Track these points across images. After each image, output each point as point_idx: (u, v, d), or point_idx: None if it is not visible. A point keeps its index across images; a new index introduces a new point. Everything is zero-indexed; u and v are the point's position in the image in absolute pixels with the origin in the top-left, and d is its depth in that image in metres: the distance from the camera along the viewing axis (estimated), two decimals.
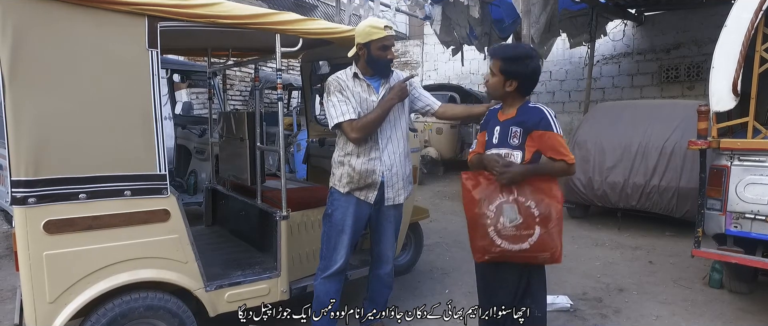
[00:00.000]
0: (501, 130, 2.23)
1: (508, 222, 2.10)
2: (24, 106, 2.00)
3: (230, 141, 3.43)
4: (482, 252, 2.19)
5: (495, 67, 2.18)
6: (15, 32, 1.95)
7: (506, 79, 2.18)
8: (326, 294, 2.73)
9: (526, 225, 2.09)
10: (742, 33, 3.14)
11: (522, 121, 2.18)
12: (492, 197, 2.13)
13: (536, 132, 2.16)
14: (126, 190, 2.25)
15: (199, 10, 2.37)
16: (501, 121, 2.26)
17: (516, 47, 2.22)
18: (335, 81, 2.60)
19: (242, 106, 9.34)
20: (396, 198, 2.72)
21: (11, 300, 3.58)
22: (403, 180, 2.73)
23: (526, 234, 2.09)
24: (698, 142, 3.30)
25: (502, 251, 2.13)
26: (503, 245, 2.12)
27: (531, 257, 2.14)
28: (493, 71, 2.19)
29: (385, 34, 2.55)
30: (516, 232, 2.10)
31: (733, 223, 3.30)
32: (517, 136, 2.19)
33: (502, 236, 2.11)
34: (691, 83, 9.03)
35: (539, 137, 2.16)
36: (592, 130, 5.86)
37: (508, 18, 7.77)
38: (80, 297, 2.16)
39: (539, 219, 2.09)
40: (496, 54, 2.19)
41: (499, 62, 2.16)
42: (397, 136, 2.69)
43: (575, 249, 5.00)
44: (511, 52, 2.20)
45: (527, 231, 2.09)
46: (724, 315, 3.41)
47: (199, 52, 4.07)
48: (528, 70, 2.17)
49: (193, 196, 5.56)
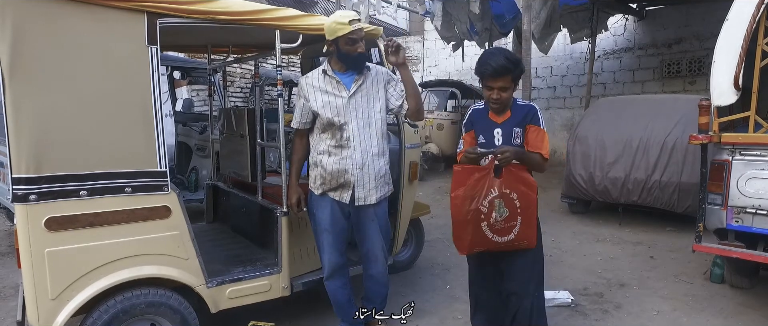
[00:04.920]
0: (504, 132, 2.32)
1: (499, 216, 2.21)
2: (24, 103, 2.00)
3: (231, 137, 3.43)
4: (471, 246, 2.30)
5: (506, 81, 2.23)
6: (15, 29, 1.95)
7: (515, 85, 2.30)
8: (334, 294, 2.77)
9: (511, 217, 2.23)
10: (743, 27, 3.12)
11: (519, 120, 2.31)
12: (486, 192, 2.21)
13: (529, 126, 2.30)
14: (127, 187, 2.25)
15: (198, 6, 2.37)
16: (500, 123, 2.34)
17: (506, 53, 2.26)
18: (300, 83, 2.67)
19: (243, 102, 9.33)
20: (367, 199, 2.63)
21: (13, 298, 3.59)
22: (375, 180, 2.64)
23: (511, 225, 2.24)
24: (699, 136, 3.29)
25: (492, 244, 2.26)
26: (494, 238, 2.24)
27: (514, 245, 2.28)
28: (506, 85, 2.24)
29: (350, 29, 2.49)
30: (504, 225, 2.23)
31: (734, 218, 3.29)
32: (519, 136, 2.30)
33: (493, 230, 2.24)
34: (692, 78, 9.00)
35: (528, 130, 2.30)
36: (593, 125, 5.85)
37: (509, 13, 7.75)
38: (82, 293, 2.17)
39: (520, 209, 2.22)
40: (507, 68, 2.20)
41: (511, 74, 2.23)
42: (370, 134, 2.62)
43: (576, 244, 5.00)
44: (512, 58, 2.24)
45: (511, 223, 2.23)
46: (725, 310, 3.41)
47: (199, 49, 4.07)
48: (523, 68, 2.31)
49: (194, 193, 5.56)
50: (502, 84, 2.23)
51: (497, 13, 7.93)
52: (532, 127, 2.29)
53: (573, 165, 5.78)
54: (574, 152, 5.79)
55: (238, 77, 9.30)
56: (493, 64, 2.20)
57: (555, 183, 7.39)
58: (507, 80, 2.23)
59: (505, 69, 2.20)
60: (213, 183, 3.99)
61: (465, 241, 2.28)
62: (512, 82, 2.26)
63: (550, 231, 5.40)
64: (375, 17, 9.13)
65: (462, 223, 2.25)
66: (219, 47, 3.84)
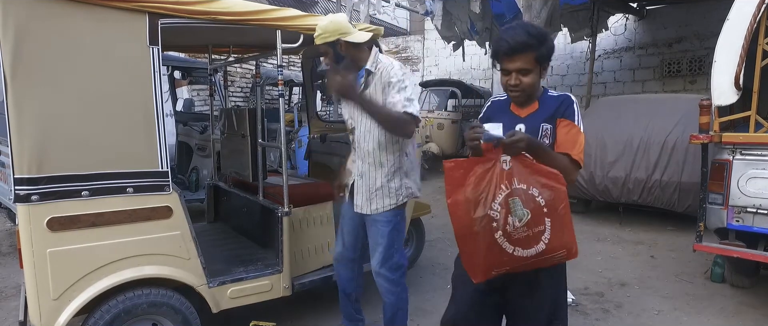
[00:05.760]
0: (528, 129, 1.79)
1: (518, 220, 1.61)
2: (26, 104, 2.00)
3: (232, 137, 3.43)
4: (487, 270, 1.69)
5: (527, 61, 1.72)
6: (17, 30, 1.95)
7: (542, 68, 1.77)
8: (338, 275, 2.82)
9: (536, 220, 1.62)
10: (744, 26, 3.13)
11: (550, 114, 1.80)
12: (495, 191, 1.62)
13: (559, 120, 1.78)
14: (128, 187, 2.25)
15: (199, 6, 2.37)
16: (524, 117, 1.83)
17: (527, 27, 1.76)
18: None
19: (243, 102, 9.34)
20: (363, 208, 2.54)
21: (15, 297, 3.60)
22: (369, 192, 2.51)
23: (539, 230, 1.63)
24: (700, 136, 3.29)
25: (516, 260, 1.66)
26: (517, 253, 1.64)
27: (547, 259, 1.68)
28: (527, 67, 1.73)
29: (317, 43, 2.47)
30: (528, 232, 1.63)
31: (734, 217, 3.30)
32: (549, 135, 1.79)
33: (513, 240, 1.63)
34: (693, 77, 9.00)
35: (558, 125, 1.78)
36: (593, 124, 5.85)
37: (509, 13, 7.73)
38: (84, 293, 2.17)
39: (547, 208, 1.62)
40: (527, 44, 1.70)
41: (533, 53, 1.71)
42: (369, 142, 2.49)
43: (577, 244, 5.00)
44: (535, 32, 1.73)
45: (539, 228, 1.63)
46: (726, 310, 3.41)
47: (199, 49, 4.07)
48: (552, 45, 1.78)
49: (195, 193, 5.57)
50: (522, 64, 1.72)
51: (497, 13, 7.92)
52: (564, 121, 1.76)
53: None
54: None
55: (238, 77, 9.30)
56: (508, 39, 1.71)
57: None
58: (528, 59, 1.72)
59: (524, 45, 1.69)
60: (214, 183, 3.99)
61: (478, 263, 1.68)
62: (536, 63, 1.74)
63: None
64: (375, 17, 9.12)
65: (469, 239, 1.67)
66: (220, 47, 3.84)
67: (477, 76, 11.94)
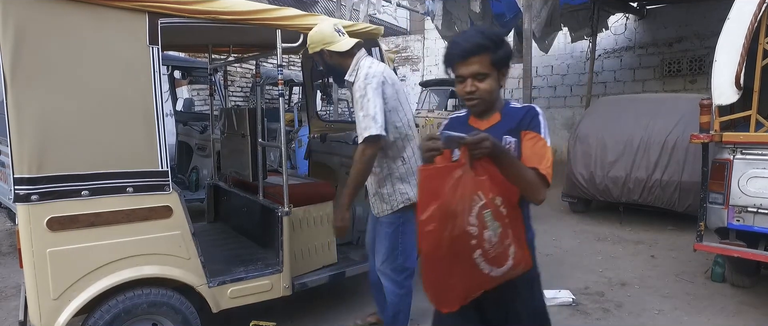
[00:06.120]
0: None
1: (494, 235, 1.40)
2: (26, 104, 2.00)
3: (232, 137, 3.43)
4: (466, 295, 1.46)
5: (483, 65, 1.55)
6: (17, 30, 1.95)
7: (500, 73, 1.61)
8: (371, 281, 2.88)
9: (504, 233, 1.44)
10: (745, 26, 3.13)
11: (513, 126, 1.62)
12: (469, 202, 1.37)
13: (524, 132, 1.61)
14: (128, 187, 2.25)
15: (200, 6, 2.37)
16: (484, 130, 1.60)
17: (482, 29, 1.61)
18: None
19: (243, 102, 9.33)
20: (373, 207, 2.68)
21: (15, 297, 3.60)
22: (374, 197, 2.63)
23: (507, 245, 1.45)
24: (701, 135, 3.29)
25: (491, 282, 1.47)
26: (493, 272, 1.44)
27: (513, 275, 1.51)
28: (482, 71, 1.56)
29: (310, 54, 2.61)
30: (501, 248, 1.43)
31: (735, 217, 3.29)
32: (513, 149, 1.61)
33: (490, 259, 1.41)
34: (693, 77, 8.99)
35: (523, 138, 1.60)
36: (593, 124, 5.85)
37: (510, 12, 7.75)
38: (84, 293, 2.17)
39: (509, 219, 1.45)
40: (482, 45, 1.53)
41: (488, 55, 1.54)
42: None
43: (577, 243, 5.00)
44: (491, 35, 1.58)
45: (506, 241, 1.45)
46: (727, 309, 3.41)
47: (199, 49, 4.07)
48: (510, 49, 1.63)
49: (195, 193, 5.57)
50: (478, 68, 1.54)
51: (498, 12, 7.94)
52: (529, 133, 1.59)
53: (574, 164, 5.78)
54: (575, 151, 5.80)
55: (238, 77, 9.30)
56: (462, 41, 1.55)
57: (556, 182, 7.37)
58: (483, 63, 1.54)
59: (479, 46, 1.53)
60: (214, 182, 3.99)
61: (455, 290, 1.43)
62: (493, 68, 1.56)
63: (551, 231, 5.40)
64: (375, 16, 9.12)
65: (442, 262, 1.38)
66: (220, 47, 3.84)
67: None
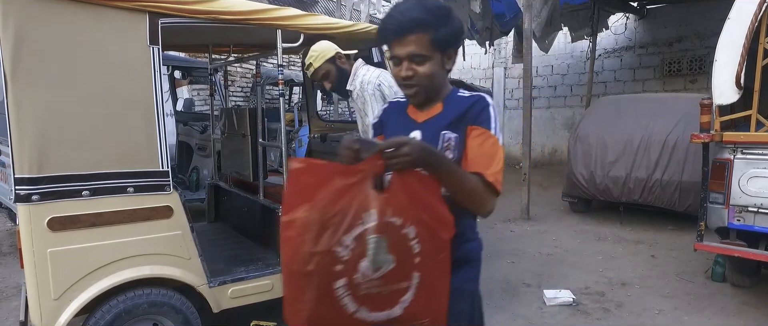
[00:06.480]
0: (426, 138, 1.32)
1: (374, 269, 1.13)
2: (27, 104, 2.00)
3: (232, 137, 3.43)
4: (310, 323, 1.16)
5: (421, 45, 1.25)
6: (17, 30, 1.95)
7: (445, 56, 1.32)
8: None
9: (399, 273, 1.16)
10: (745, 26, 3.12)
11: (454, 118, 1.32)
12: (351, 218, 1.11)
13: (470, 128, 1.30)
14: (129, 187, 2.25)
15: (200, 6, 2.37)
16: (421, 123, 1.38)
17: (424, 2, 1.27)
18: None
19: (244, 102, 9.34)
20: None
21: (16, 297, 3.59)
22: None
23: (400, 288, 1.17)
24: (701, 135, 3.29)
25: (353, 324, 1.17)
26: (359, 314, 1.15)
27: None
28: (421, 53, 1.26)
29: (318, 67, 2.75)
30: (383, 288, 1.15)
31: (735, 217, 3.29)
32: (453, 147, 1.31)
33: (359, 297, 1.14)
34: (693, 76, 8.99)
35: (469, 135, 1.30)
36: (594, 124, 5.85)
37: (510, 12, 7.75)
38: (84, 293, 2.17)
39: (421, 257, 1.17)
40: (420, 21, 1.24)
41: (428, 33, 1.25)
42: None
43: (577, 243, 5.00)
44: (433, 8, 1.27)
45: (401, 284, 1.17)
46: (727, 309, 3.41)
47: (200, 49, 4.07)
48: (459, 26, 1.32)
49: (195, 193, 5.57)
50: (415, 48, 1.25)
51: (498, 12, 7.93)
52: (476, 129, 1.29)
53: (574, 164, 5.78)
54: (575, 151, 5.80)
55: (238, 77, 9.30)
56: (397, 14, 1.26)
57: (556, 182, 7.39)
58: (422, 43, 1.25)
59: (416, 22, 1.24)
60: (214, 182, 3.99)
61: (301, 314, 1.16)
62: (435, 49, 1.27)
63: (551, 230, 5.40)
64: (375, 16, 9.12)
65: (298, 278, 1.14)
66: (220, 47, 3.84)
67: (477, 75, 11.93)
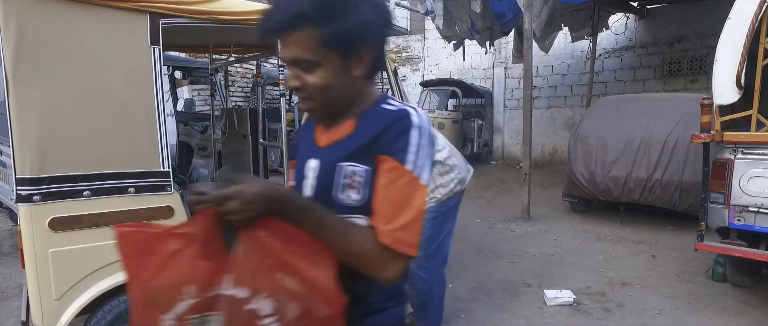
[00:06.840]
0: (322, 168, 1.03)
1: None
2: (28, 104, 2.00)
3: (232, 137, 3.43)
4: None
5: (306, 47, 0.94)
6: (18, 30, 1.95)
7: (348, 57, 0.96)
8: None
9: None
10: (745, 25, 3.12)
11: (369, 144, 0.96)
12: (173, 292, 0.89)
13: (381, 159, 0.94)
14: (130, 187, 2.25)
15: (201, 6, 2.37)
16: (323, 148, 1.05)
17: None
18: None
19: (244, 102, 9.34)
20: None
21: (17, 298, 3.60)
22: None
23: None
24: (701, 135, 3.29)
25: None
26: None
27: None
28: (307, 58, 0.95)
29: None
30: None
31: (736, 217, 3.29)
32: (360, 184, 0.96)
33: None
34: (693, 76, 9.00)
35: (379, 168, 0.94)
36: (594, 124, 5.85)
37: (510, 12, 7.75)
38: (86, 294, 2.17)
39: None
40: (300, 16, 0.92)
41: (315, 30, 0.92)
42: None
43: (578, 243, 5.00)
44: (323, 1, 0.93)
45: None
46: (728, 309, 3.41)
47: (200, 49, 4.07)
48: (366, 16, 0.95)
49: None
50: (299, 52, 0.95)
51: (498, 12, 7.93)
52: (387, 161, 0.93)
53: (574, 164, 5.78)
54: (576, 151, 5.80)
55: (239, 77, 9.30)
56: (276, 6, 0.97)
57: (556, 181, 7.39)
58: (306, 44, 0.94)
59: (297, 17, 0.92)
60: None
61: None
62: (328, 51, 0.94)
63: (552, 230, 5.41)
64: None
65: None
66: (221, 47, 3.84)
67: (477, 75, 11.93)
